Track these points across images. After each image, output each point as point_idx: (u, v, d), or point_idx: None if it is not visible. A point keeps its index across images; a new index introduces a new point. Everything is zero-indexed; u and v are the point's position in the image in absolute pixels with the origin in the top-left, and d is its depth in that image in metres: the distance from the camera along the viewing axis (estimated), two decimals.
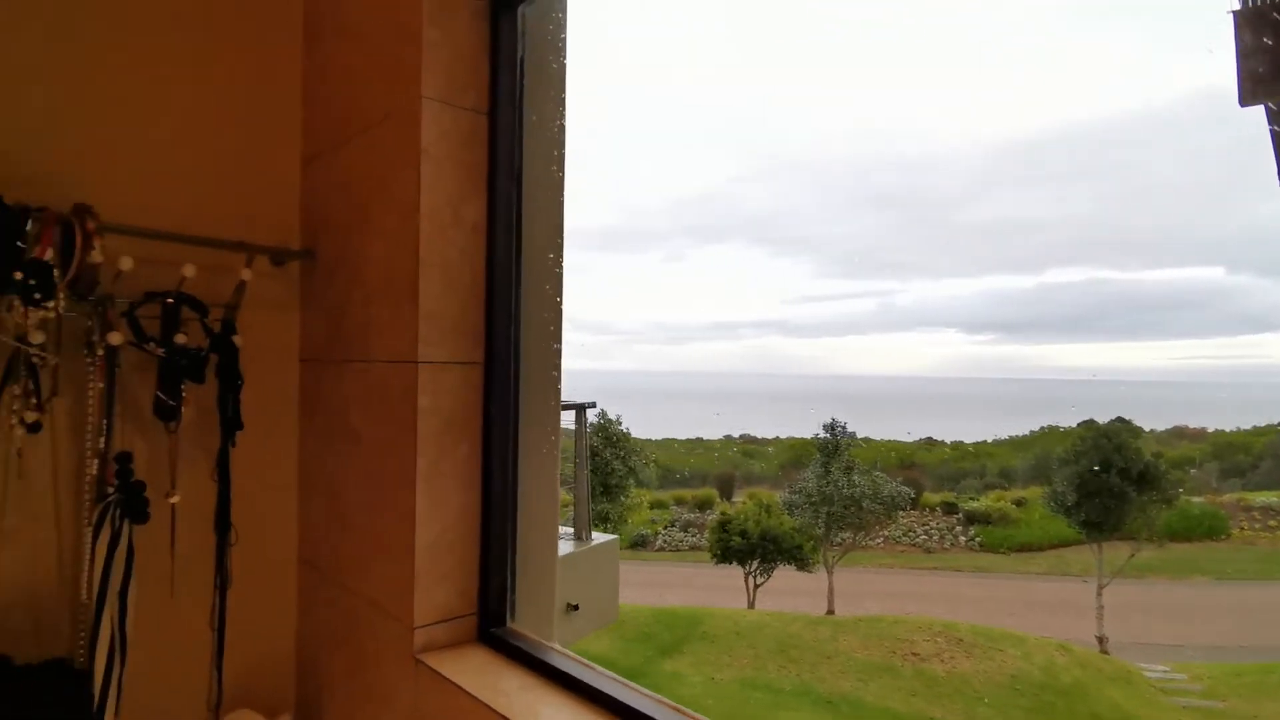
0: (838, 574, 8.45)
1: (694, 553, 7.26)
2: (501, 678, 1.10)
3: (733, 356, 57.17)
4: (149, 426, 1.32)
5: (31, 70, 1.25)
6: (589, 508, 7.33)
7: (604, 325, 65.58)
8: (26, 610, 1.21)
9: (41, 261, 1.11)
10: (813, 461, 7.93)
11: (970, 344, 45.49)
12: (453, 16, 1.23)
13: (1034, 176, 37.92)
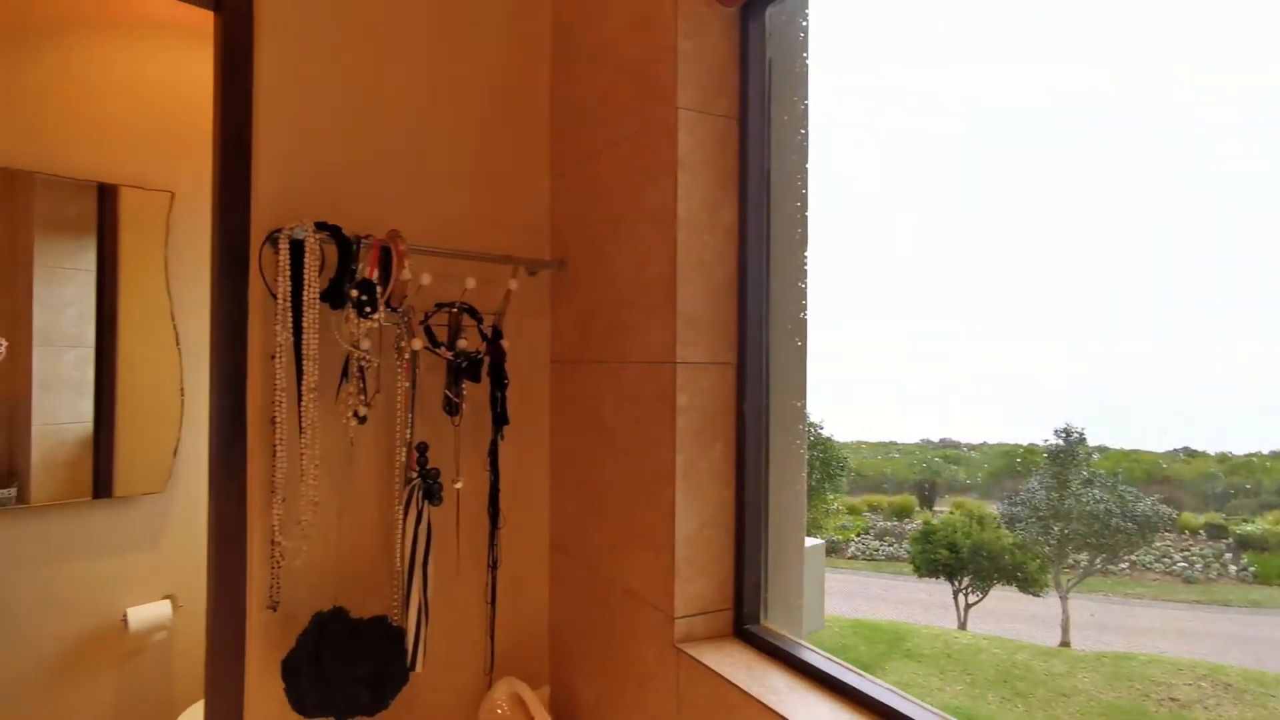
0: (1073, 600, 7.52)
1: (891, 563, 6.85)
2: (768, 675, 1.11)
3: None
4: (436, 421, 1.51)
5: (358, 128, 1.48)
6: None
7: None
8: (356, 573, 1.44)
9: (369, 280, 1.32)
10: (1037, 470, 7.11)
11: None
12: (705, 28, 1.27)
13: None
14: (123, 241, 2.18)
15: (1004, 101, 1.25)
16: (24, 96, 1.90)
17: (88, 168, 2.04)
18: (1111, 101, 3.56)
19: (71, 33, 1.95)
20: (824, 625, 6.87)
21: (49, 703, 1.91)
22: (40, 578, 1.93)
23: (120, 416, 2.18)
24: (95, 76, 1.99)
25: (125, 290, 2.18)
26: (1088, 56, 2.43)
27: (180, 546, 2.11)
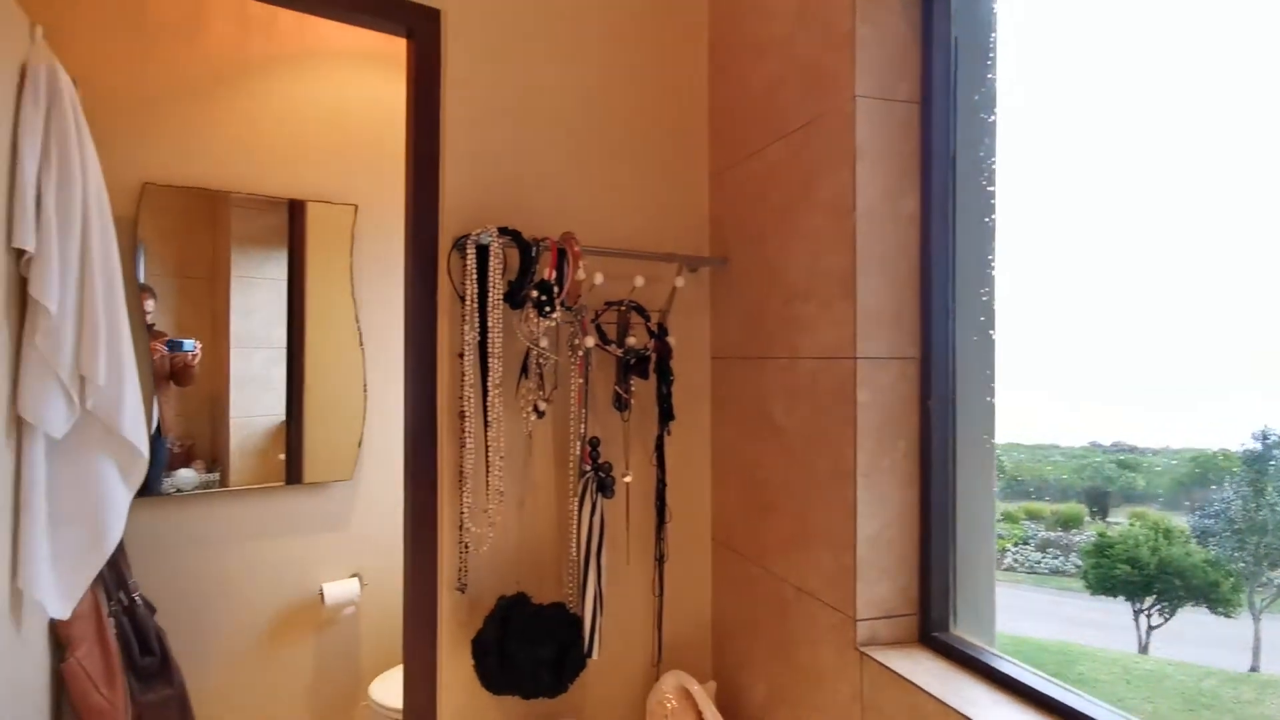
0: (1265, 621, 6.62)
1: (1055, 577, 6.25)
2: (963, 686, 1.06)
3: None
4: (605, 415, 1.56)
5: (531, 137, 1.55)
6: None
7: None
8: (533, 561, 1.52)
9: (547, 281, 1.38)
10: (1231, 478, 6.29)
11: None
12: (884, 10, 1.23)
13: None
14: (309, 251, 2.41)
15: (1210, 87, 1.09)
16: (233, 127, 2.15)
17: (281, 186, 2.27)
18: None
19: (277, 67, 2.19)
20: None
21: (262, 661, 2.16)
22: (252, 553, 2.18)
23: (308, 411, 2.42)
24: (293, 104, 2.22)
25: (312, 296, 2.41)
26: None
27: (366, 529, 2.32)
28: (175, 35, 2.05)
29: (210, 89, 2.10)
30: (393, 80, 2.36)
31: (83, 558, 1.49)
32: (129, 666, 1.72)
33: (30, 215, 1.37)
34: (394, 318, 2.41)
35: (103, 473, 1.52)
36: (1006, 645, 4.17)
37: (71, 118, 1.47)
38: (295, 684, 2.20)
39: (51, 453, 1.46)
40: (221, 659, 2.08)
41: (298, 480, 2.36)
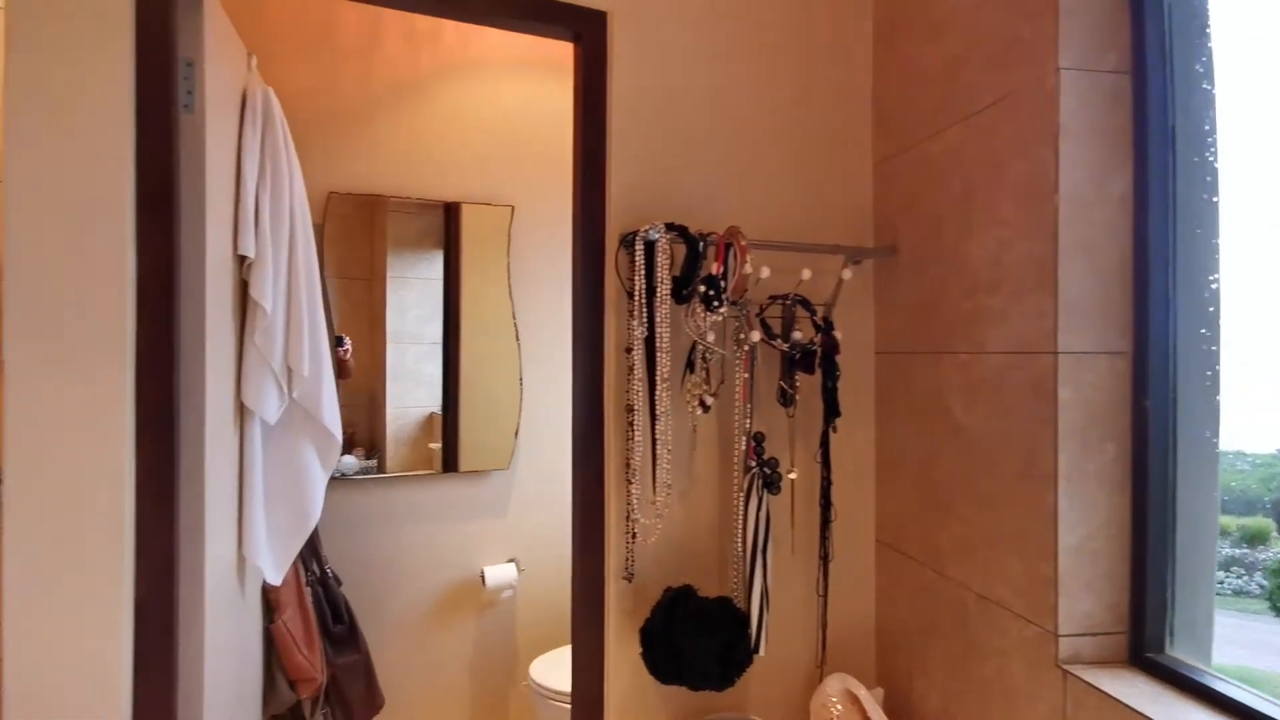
0: None
1: (1238, 598, 5.59)
2: (1188, 713, 0.96)
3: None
4: (769, 411, 1.54)
5: (693, 132, 1.56)
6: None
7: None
8: (697, 554, 1.53)
9: (714, 276, 1.38)
10: None
11: None
12: None
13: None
14: (464, 251, 2.54)
15: None
16: (403, 136, 2.31)
17: (441, 190, 2.41)
18: None
19: (441, 79, 2.33)
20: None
21: (428, 637, 2.32)
22: (417, 535, 2.34)
23: (463, 404, 2.55)
24: (455, 112, 2.35)
25: (467, 294, 2.54)
26: None
27: (522, 517, 2.43)
28: (355, 56, 2.22)
29: (384, 103, 2.26)
30: (546, 85, 2.44)
31: (290, 531, 1.66)
32: (323, 632, 1.89)
33: (251, 225, 1.53)
34: (549, 314, 2.50)
35: (305, 455, 1.69)
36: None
37: (281, 136, 1.63)
38: (459, 659, 2.34)
39: (265, 437, 1.63)
40: (395, 630, 2.25)
41: (454, 469, 2.49)
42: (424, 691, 2.28)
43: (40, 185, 1.16)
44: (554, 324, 2.50)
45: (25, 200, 1.15)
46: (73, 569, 1.17)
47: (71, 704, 1.16)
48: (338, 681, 1.88)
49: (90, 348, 1.18)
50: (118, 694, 1.18)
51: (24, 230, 1.15)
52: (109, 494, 1.19)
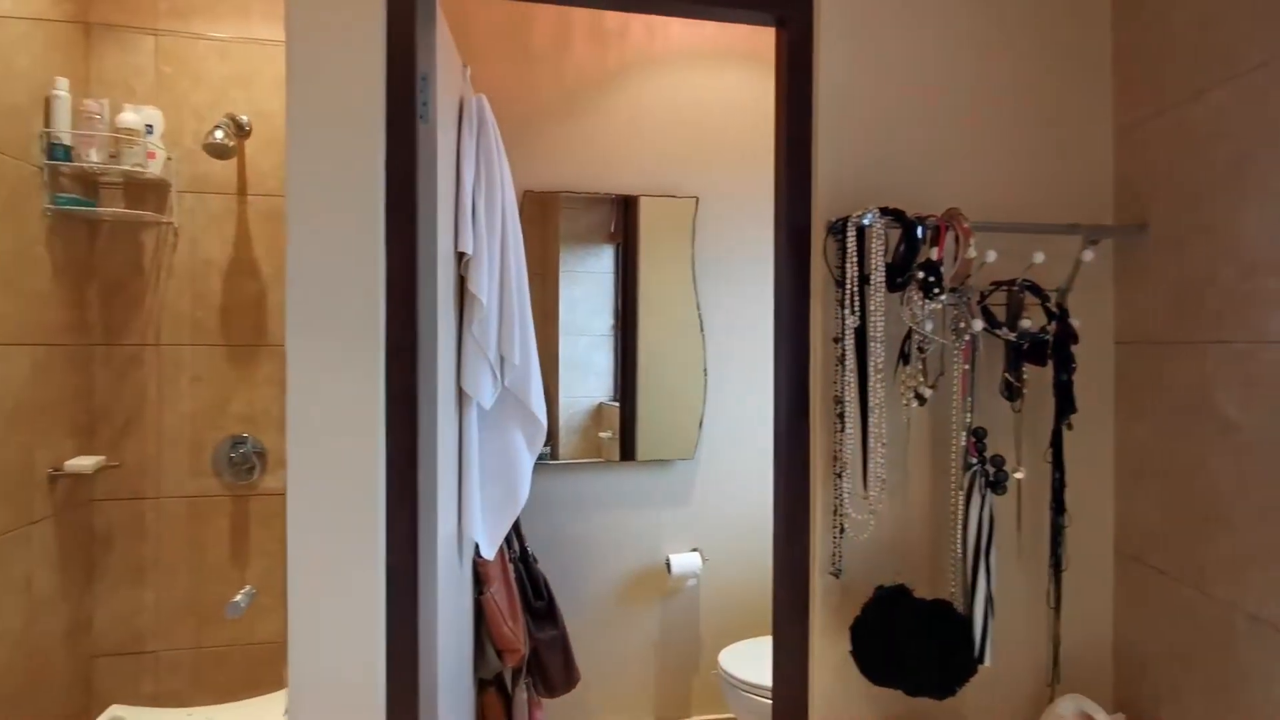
0: None
1: None
2: None
3: None
4: (989, 405, 1.43)
5: (907, 111, 1.48)
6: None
7: None
8: (909, 553, 1.46)
9: (934, 262, 1.30)
10: None
11: None
12: None
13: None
14: (642, 244, 2.59)
15: None
16: (590, 133, 2.39)
17: (620, 184, 2.47)
18: None
19: (627, 75, 2.39)
20: None
21: (615, 620, 2.41)
22: (602, 520, 2.43)
23: (641, 394, 2.60)
24: (640, 107, 2.41)
25: (645, 285, 2.58)
26: None
27: (706, 506, 2.46)
28: (547, 59, 2.34)
29: (573, 103, 2.36)
30: (732, 75, 2.44)
31: (502, 509, 1.78)
32: (525, 607, 2.01)
33: (469, 224, 1.65)
34: (735, 305, 2.49)
35: (515, 439, 1.80)
36: None
37: (493, 140, 1.75)
38: (643, 643, 2.41)
39: (480, 421, 1.75)
40: (583, 611, 2.35)
41: (630, 457, 2.56)
42: (611, 671, 2.37)
43: (315, 196, 1.31)
44: (741, 315, 2.49)
45: (304, 210, 1.30)
46: (342, 536, 1.32)
47: (341, 650, 1.31)
48: (539, 654, 1.99)
49: (351, 340, 1.32)
50: (377, 643, 1.32)
51: (302, 236, 1.30)
52: (368, 471, 1.32)
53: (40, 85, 1.93)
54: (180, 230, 2.16)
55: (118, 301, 2.15)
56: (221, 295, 2.19)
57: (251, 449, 2.22)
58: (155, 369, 2.17)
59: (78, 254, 2.08)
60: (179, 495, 2.19)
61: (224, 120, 2.09)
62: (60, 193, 1.98)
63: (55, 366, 1.98)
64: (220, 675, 2.19)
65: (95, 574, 2.14)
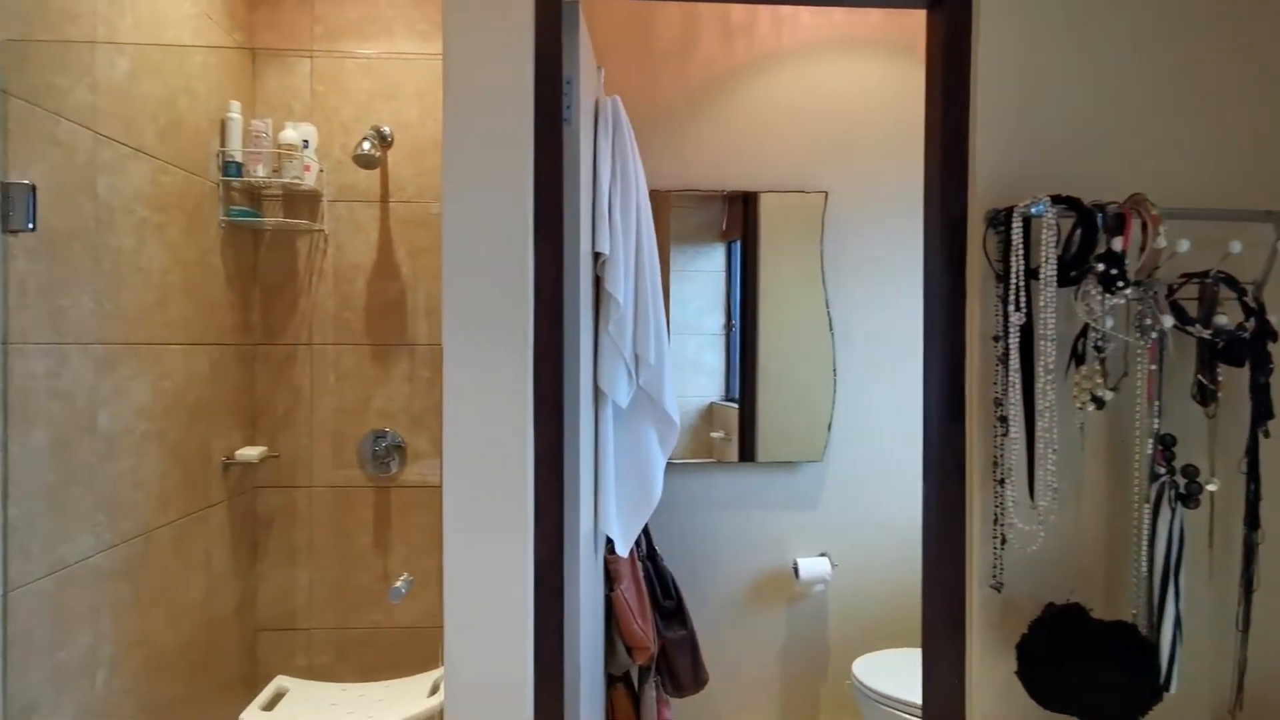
0: None
1: None
2: None
3: None
4: (1176, 409, 1.31)
5: (1079, 92, 1.38)
6: None
7: None
8: (1082, 568, 1.36)
9: (1117, 253, 1.20)
10: None
11: None
12: None
13: None
14: (763, 241, 2.54)
15: None
16: (715, 130, 2.37)
17: (740, 180, 2.43)
18: None
19: (753, 70, 2.36)
20: None
21: (740, 622, 2.39)
22: (725, 521, 2.41)
23: (761, 394, 2.55)
24: (769, 101, 2.37)
25: (766, 283, 2.53)
26: None
27: (835, 510, 2.39)
28: (675, 57, 2.34)
29: (699, 100, 2.35)
30: (863, 62, 2.36)
31: (636, 507, 1.79)
32: (654, 605, 2.02)
33: (606, 225, 1.67)
34: (869, 302, 2.41)
35: (648, 438, 1.81)
36: None
37: (628, 141, 1.76)
38: (769, 647, 2.38)
39: (615, 419, 1.77)
40: (708, 611, 2.34)
41: (750, 459, 2.51)
42: (737, 674, 2.35)
43: (468, 202, 1.36)
44: (874, 313, 2.40)
45: (458, 215, 1.36)
46: (493, 530, 1.36)
47: (493, 640, 1.36)
48: (667, 654, 2.00)
49: (502, 341, 1.37)
50: (525, 635, 1.36)
51: (457, 241, 1.36)
52: (518, 467, 1.37)
53: (217, 109, 2.12)
54: (330, 237, 2.32)
55: (275, 304, 2.33)
56: (365, 297, 2.33)
57: (391, 443, 2.34)
58: (308, 367, 2.33)
59: (244, 261, 2.27)
60: (327, 485, 2.34)
61: (370, 132, 2.22)
62: (232, 205, 2.16)
63: (227, 365, 2.17)
64: (364, 655, 2.33)
65: (258, 554, 2.33)
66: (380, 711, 1.90)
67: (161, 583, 1.87)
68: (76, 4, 1.59)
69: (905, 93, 2.36)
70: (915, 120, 1.52)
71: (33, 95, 1.47)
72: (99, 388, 1.66)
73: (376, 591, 2.33)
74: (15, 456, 1.42)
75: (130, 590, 1.75)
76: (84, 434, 1.61)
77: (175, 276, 1.93)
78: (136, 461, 1.78)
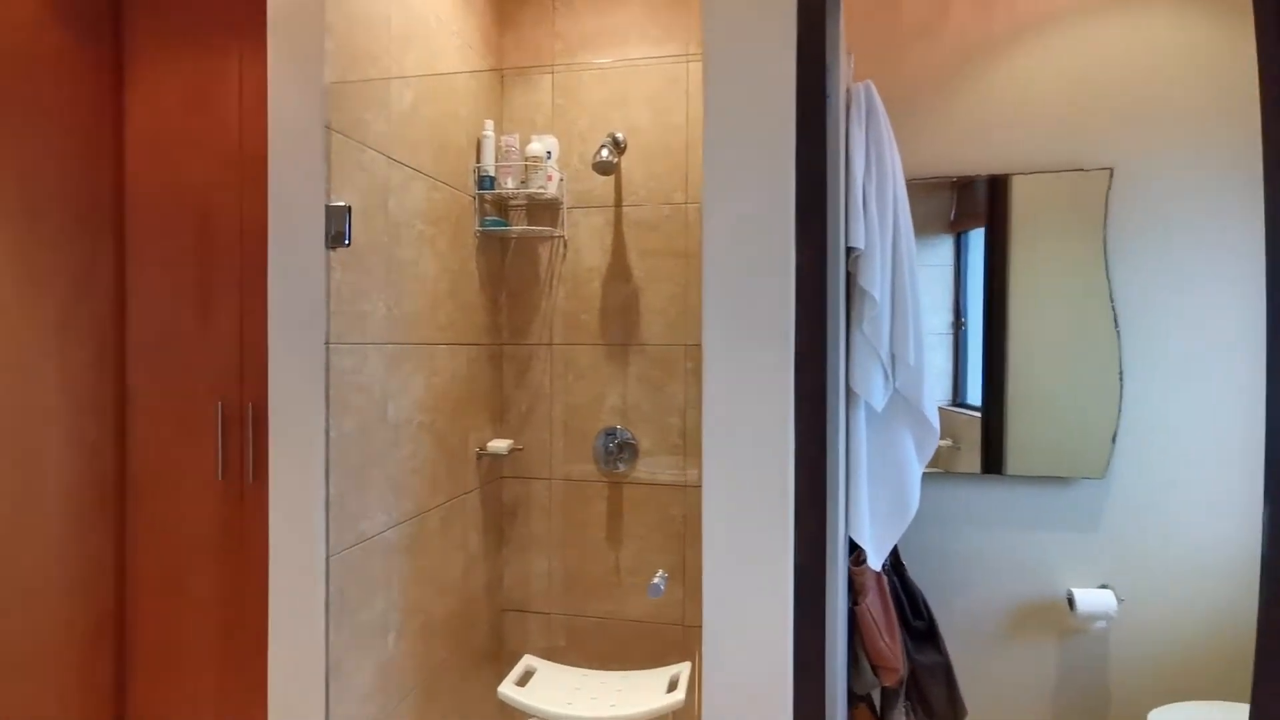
0: None
1: None
2: None
3: None
4: None
5: None
6: None
7: None
8: None
9: None
10: None
11: None
12: None
13: None
14: (1014, 228, 2.27)
15: None
16: (966, 110, 2.17)
17: (991, 162, 2.18)
18: None
19: (1015, 42, 2.12)
20: None
21: (997, 655, 2.15)
22: (976, 537, 2.19)
23: (1012, 399, 2.29)
24: (1029, 74, 2.12)
25: (1017, 276, 2.26)
26: None
27: (1121, 536, 2.08)
28: (921, 36, 2.17)
29: (945, 81, 2.16)
30: (1150, 19, 2.04)
31: (890, 517, 1.68)
32: (903, 624, 1.89)
33: (860, 217, 1.58)
34: (1167, 295, 2.05)
35: (904, 444, 1.68)
36: None
37: (883, 126, 1.65)
38: (1035, 687, 2.12)
39: (868, 423, 1.67)
40: (960, 637, 2.14)
41: (996, 470, 2.27)
42: (997, 711, 2.13)
43: (729, 199, 1.34)
44: (1177, 308, 2.06)
45: (719, 212, 1.34)
46: (753, 532, 1.33)
47: (751, 645, 1.33)
48: (918, 679, 1.85)
49: (763, 340, 1.33)
50: (785, 639, 1.31)
51: (717, 240, 1.34)
52: (779, 469, 1.32)
53: (475, 128, 2.32)
54: (569, 241, 2.44)
55: (519, 306, 2.50)
56: (600, 299, 2.43)
57: (621, 439, 2.42)
58: (548, 365, 2.48)
59: (493, 267, 2.46)
60: (564, 478, 2.47)
61: (607, 140, 2.30)
62: (485, 216, 2.36)
63: (481, 363, 2.37)
64: (595, 642, 2.43)
65: (503, 540, 2.51)
66: (622, 701, 1.96)
67: (431, 559, 2.07)
68: (378, 47, 1.81)
69: (1207, 45, 1.99)
70: (1227, 75, 1.25)
71: (347, 129, 1.68)
72: (388, 382, 1.87)
73: (609, 583, 2.42)
74: (334, 440, 1.64)
75: (410, 564, 1.96)
76: (378, 423, 1.82)
77: (443, 283, 2.13)
78: (414, 449, 1.99)
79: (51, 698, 1.89)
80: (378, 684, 1.81)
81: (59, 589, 1.91)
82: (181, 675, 2.04)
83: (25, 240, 1.82)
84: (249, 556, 2.03)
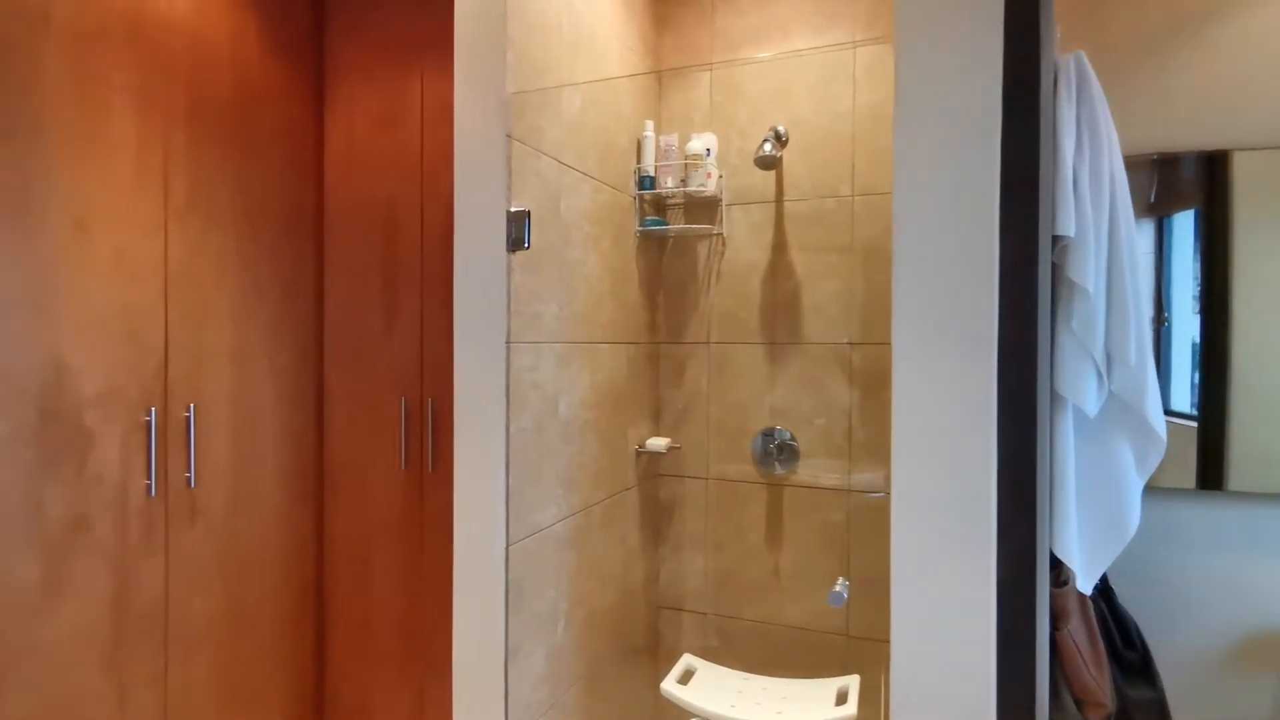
0: None
1: None
2: None
3: None
4: None
5: None
6: None
7: None
8: None
9: None
10: None
11: None
12: None
13: None
14: (1237, 211, 2.00)
15: None
16: (1153, 88, 1.92)
17: (1192, 139, 1.94)
18: None
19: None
20: None
21: (1217, 692, 1.90)
22: (1194, 561, 1.93)
23: (1236, 405, 2.01)
24: (1264, 29, 1.84)
25: (1242, 266, 1.99)
26: None
27: None
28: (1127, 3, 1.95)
29: (1153, 48, 1.92)
30: None
31: (1102, 537, 1.50)
32: (1111, 655, 1.69)
33: (1070, 203, 1.42)
34: None
35: (1120, 455, 1.50)
36: None
37: (1097, 100, 1.48)
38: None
39: (1076, 430, 1.51)
40: (1176, 670, 1.90)
41: (1216, 486, 2.00)
42: None
43: (923, 186, 1.25)
44: None
45: (911, 201, 1.26)
46: (949, 544, 1.24)
47: (947, 664, 1.23)
48: (1129, 717, 1.66)
49: (961, 336, 1.23)
50: (987, 663, 1.21)
51: (909, 229, 1.26)
52: (980, 478, 1.22)
53: (635, 129, 2.34)
54: (727, 239, 2.41)
55: (678, 305, 2.50)
56: (760, 297, 2.38)
57: (780, 440, 2.35)
58: (705, 364, 2.46)
59: (651, 266, 2.47)
60: (721, 478, 2.44)
61: (769, 134, 2.25)
62: (645, 215, 2.38)
63: (640, 362, 2.39)
64: (752, 646, 2.38)
65: (660, 538, 2.53)
66: (788, 709, 1.90)
67: (594, 553, 2.11)
68: (551, 57, 1.86)
69: None
70: None
71: (525, 136, 1.74)
72: (558, 380, 1.92)
73: (766, 586, 2.36)
74: (512, 435, 1.70)
75: (576, 557, 2.01)
76: (550, 419, 1.88)
77: (606, 283, 2.17)
78: (580, 445, 2.04)
79: (267, 651, 2.13)
80: (549, 670, 1.87)
81: (274, 558, 2.14)
82: (371, 639, 2.23)
83: (248, 251, 2.05)
84: (427, 539, 2.17)
